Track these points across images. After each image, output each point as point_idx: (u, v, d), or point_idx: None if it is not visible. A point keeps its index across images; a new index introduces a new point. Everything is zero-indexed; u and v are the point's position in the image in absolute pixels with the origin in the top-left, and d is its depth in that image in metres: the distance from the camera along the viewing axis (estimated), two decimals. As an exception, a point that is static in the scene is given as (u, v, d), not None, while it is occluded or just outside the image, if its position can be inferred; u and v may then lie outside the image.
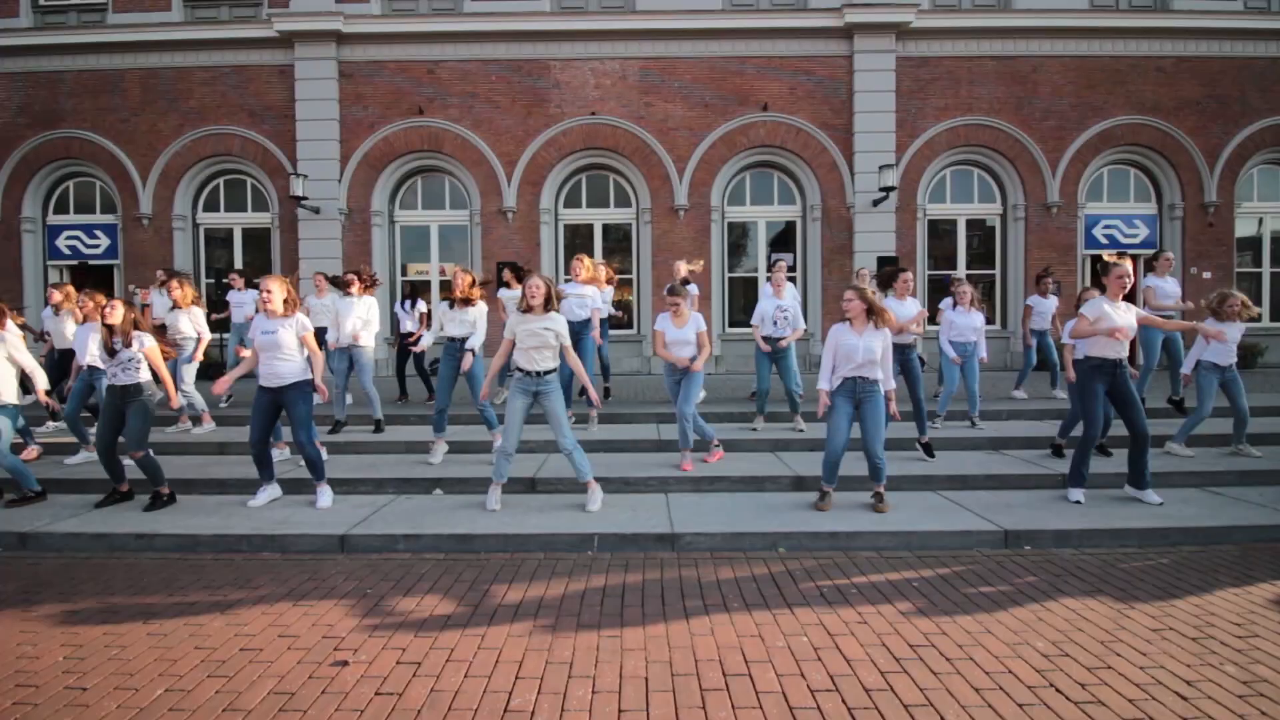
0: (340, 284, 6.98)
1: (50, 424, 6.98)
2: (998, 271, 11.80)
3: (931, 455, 5.68)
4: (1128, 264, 4.71)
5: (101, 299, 5.54)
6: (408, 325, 7.93)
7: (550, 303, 4.52)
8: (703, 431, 5.60)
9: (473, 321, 5.65)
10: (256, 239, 11.94)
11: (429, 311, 8.27)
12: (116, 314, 4.73)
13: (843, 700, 2.49)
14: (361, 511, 4.67)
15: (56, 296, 6.88)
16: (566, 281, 6.88)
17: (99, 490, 5.18)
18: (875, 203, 10.97)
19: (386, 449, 6.20)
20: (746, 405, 7.46)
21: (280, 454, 5.80)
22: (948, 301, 6.89)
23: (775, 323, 6.40)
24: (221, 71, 11.45)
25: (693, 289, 7.21)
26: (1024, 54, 11.26)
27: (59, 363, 6.83)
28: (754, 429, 6.51)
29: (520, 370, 4.55)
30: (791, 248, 11.79)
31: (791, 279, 9.45)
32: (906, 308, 5.83)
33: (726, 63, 11.23)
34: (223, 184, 11.91)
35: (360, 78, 11.34)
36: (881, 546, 4.17)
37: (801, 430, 6.40)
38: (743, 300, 11.74)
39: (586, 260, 6.66)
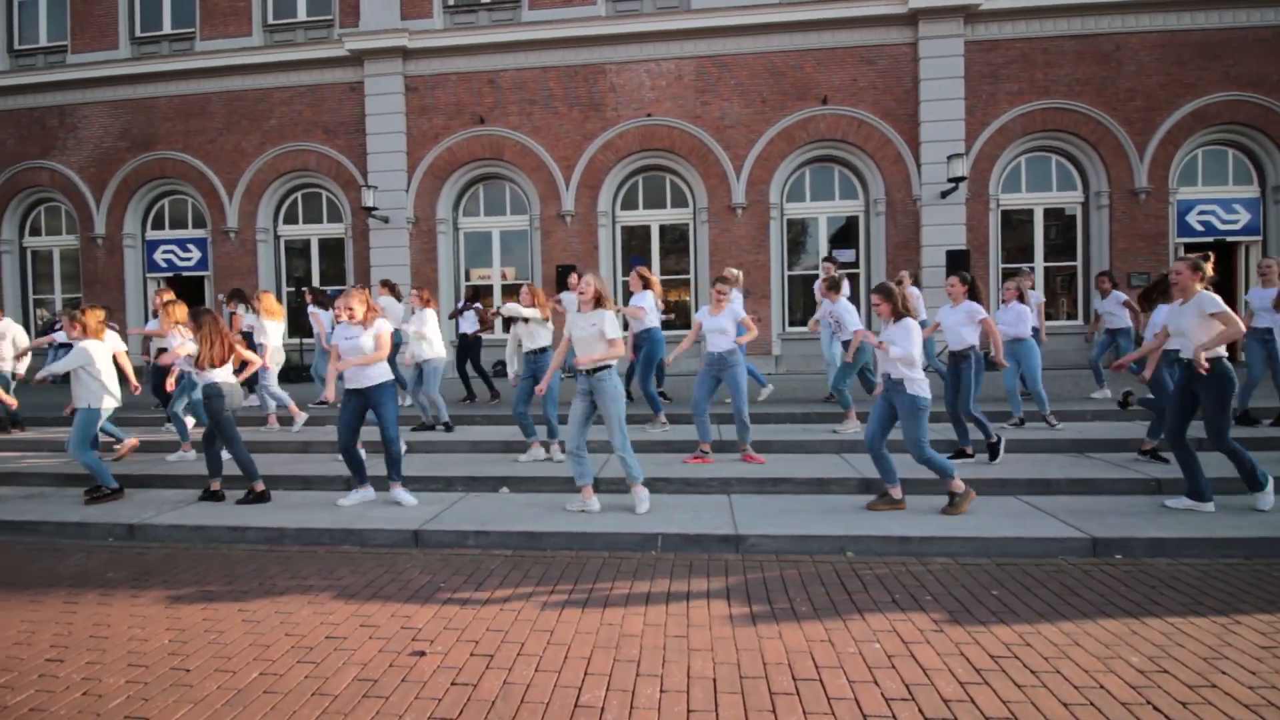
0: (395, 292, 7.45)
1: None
2: (1079, 263, 11.14)
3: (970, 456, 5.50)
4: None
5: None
6: (466, 327, 8.18)
7: (601, 300, 4.56)
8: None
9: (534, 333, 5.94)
10: (331, 249, 12.58)
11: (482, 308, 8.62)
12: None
13: (919, 710, 2.41)
14: (433, 508, 4.85)
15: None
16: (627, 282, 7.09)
17: (195, 486, 5.60)
18: (944, 194, 10.56)
19: (454, 448, 6.41)
20: (809, 406, 7.31)
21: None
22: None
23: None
24: (298, 91, 12.13)
25: (736, 293, 7.23)
26: (1105, 31, 10.59)
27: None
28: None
29: (575, 369, 4.62)
30: (854, 244, 11.49)
31: (854, 275, 9.24)
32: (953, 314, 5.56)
33: (784, 57, 11.06)
34: (300, 198, 12.62)
35: (425, 91, 11.78)
36: (956, 552, 4.00)
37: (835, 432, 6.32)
38: (802, 299, 11.52)
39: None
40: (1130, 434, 5.92)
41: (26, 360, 7.65)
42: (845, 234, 11.60)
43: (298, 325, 11.06)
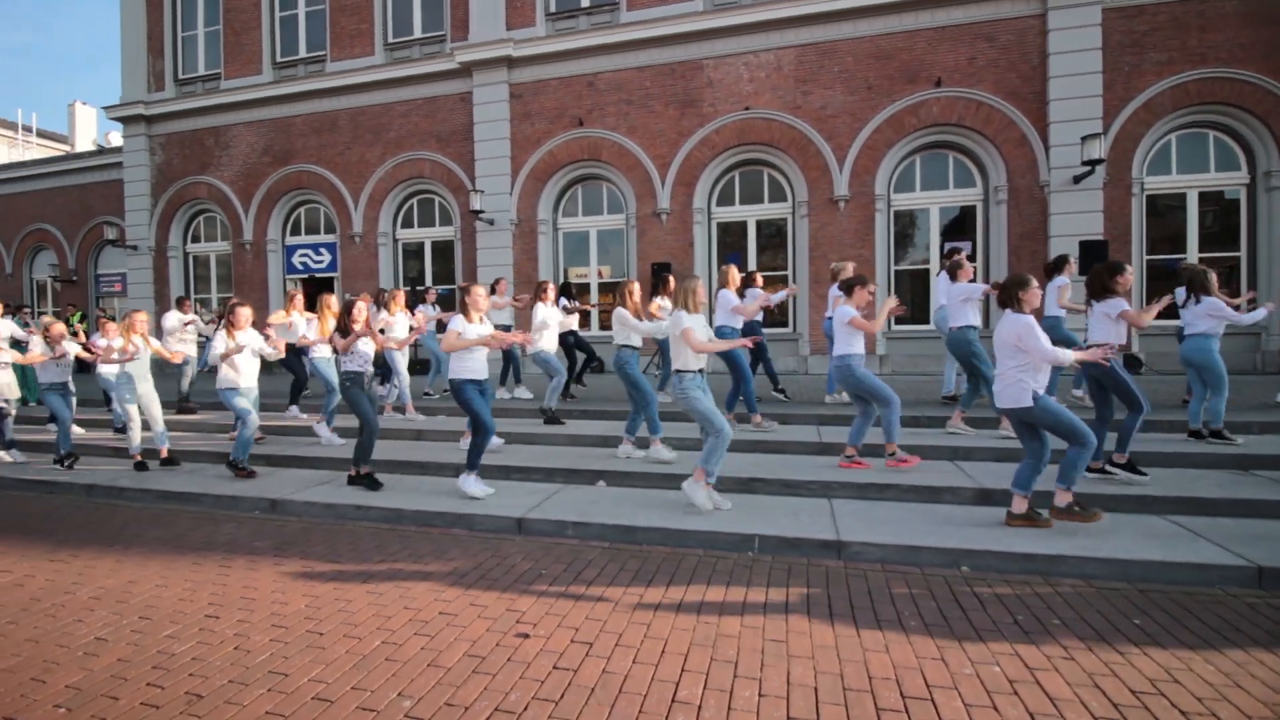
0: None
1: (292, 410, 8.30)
2: (1243, 253, 9.78)
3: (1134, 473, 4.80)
4: None
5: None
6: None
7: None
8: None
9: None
10: (442, 250, 13.37)
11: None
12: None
13: (1047, 742, 2.21)
14: (535, 498, 5.03)
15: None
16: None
17: (326, 467, 6.18)
18: (1076, 179, 9.62)
19: (553, 441, 6.62)
20: (918, 409, 6.90)
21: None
22: None
23: None
24: (415, 104, 12.97)
25: (833, 290, 6.92)
26: (1280, -15, 9.22)
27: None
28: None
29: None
30: (970, 235, 10.72)
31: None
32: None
33: (893, 39, 10.49)
34: (416, 203, 13.50)
35: (528, 97, 12.22)
36: (1090, 575, 3.63)
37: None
38: (909, 295, 10.90)
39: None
40: (1309, 449, 5.14)
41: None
42: (960, 225, 10.84)
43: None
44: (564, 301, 8.40)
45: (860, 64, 10.62)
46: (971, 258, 10.52)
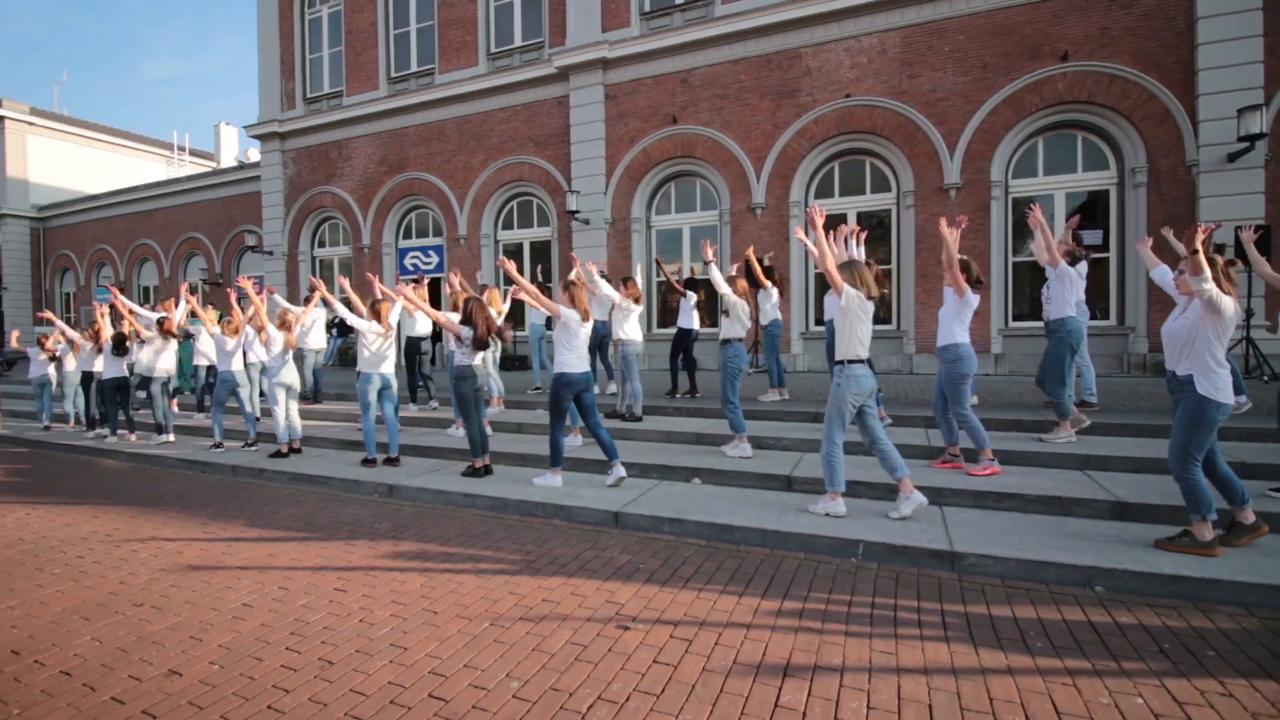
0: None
1: (434, 403, 8.86)
2: None
3: None
4: None
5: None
6: (684, 321, 7.77)
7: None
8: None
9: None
10: (539, 250, 13.83)
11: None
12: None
13: (1207, 788, 1.97)
14: (630, 493, 5.09)
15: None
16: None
17: (438, 456, 6.55)
18: (1231, 157, 8.51)
19: (648, 437, 6.67)
20: (1043, 413, 6.37)
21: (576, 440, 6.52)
22: None
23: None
24: (515, 110, 13.48)
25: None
26: None
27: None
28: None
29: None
30: (1102, 223, 9.75)
31: (1103, 259, 7.79)
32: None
33: (1011, 13, 9.72)
34: (515, 205, 14.04)
35: (622, 97, 12.37)
36: (1253, 603, 3.20)
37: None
38: (1028, 289, 10.09)
39: None
40: None
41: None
42: (1090, 212, 9.88)
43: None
44: (693, 297, 7.72)
45: (974, 42, 9.92)
46: (1104, 246, 9.58)
